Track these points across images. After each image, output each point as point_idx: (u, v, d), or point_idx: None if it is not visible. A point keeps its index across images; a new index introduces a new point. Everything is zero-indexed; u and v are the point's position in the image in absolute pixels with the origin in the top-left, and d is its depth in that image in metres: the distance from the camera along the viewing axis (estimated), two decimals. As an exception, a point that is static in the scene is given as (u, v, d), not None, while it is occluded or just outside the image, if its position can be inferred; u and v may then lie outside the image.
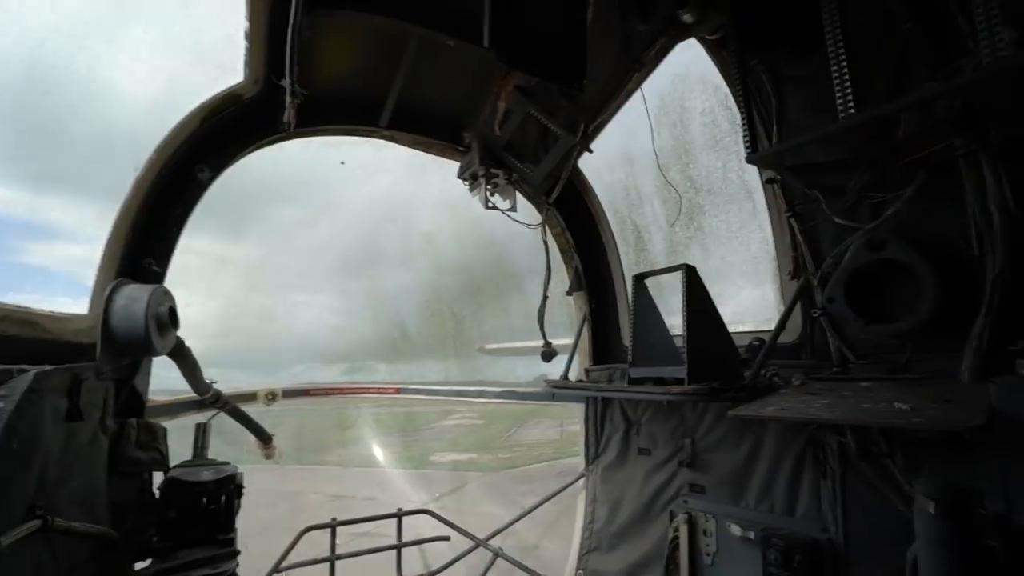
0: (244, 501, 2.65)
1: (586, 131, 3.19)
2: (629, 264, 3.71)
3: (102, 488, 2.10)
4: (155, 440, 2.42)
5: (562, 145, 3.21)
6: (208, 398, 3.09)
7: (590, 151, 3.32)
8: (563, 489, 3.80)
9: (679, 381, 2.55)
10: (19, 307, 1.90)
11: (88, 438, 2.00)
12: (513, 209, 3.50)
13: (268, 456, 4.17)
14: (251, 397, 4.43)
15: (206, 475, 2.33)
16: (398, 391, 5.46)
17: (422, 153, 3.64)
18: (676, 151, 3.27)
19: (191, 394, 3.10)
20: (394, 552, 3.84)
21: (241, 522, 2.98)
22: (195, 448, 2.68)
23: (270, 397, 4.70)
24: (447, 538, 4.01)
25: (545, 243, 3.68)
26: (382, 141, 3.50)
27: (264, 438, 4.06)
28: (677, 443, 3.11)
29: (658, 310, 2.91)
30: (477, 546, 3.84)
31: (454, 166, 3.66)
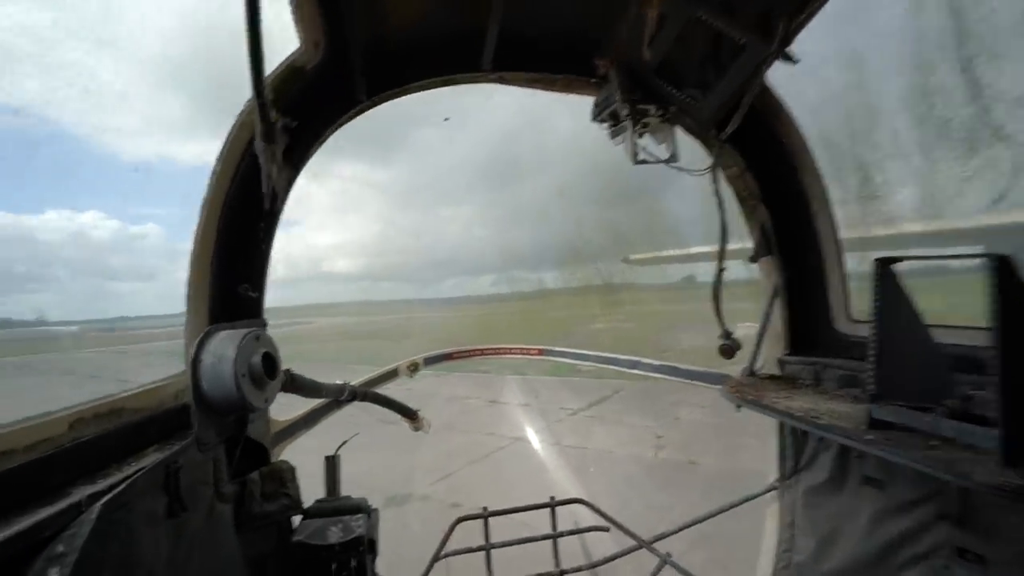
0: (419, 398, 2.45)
1: (786, 32, 2.05)
2: (848, 217, 2.57)
3: (232, 553, 1.95)
4: (283, 485, 2.23)
5: (749, 57, 2.13)
6: (344, 398, 2.92)
7: (791, 60, 2.18)
8: (746, 500, 3.09)
9: (969, 446, 1.61)
10: (99, 400, 1.65)
11: (202, 519, 1.79)
12: (674, 159, 2.55)
13: (416, 429, 4.10)
14: (392, 375, 4.32)
15: (334, 535, 2.08)
16: (541, 352, 5.05)
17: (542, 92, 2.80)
18: (940, 42, 1.97)
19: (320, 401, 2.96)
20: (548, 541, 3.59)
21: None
22: (327, 485, 2.49)
23: (412, 368, 4.59)
24: (606, 529, 3.63)
25: (717, 193, 2.70)
26: (491, 86, 2.72)
27: (410, 415, 3.95)
28: (935, 483, 2.17)
29: (917, 312, 1.89)
30: (640, 547, 3.39)
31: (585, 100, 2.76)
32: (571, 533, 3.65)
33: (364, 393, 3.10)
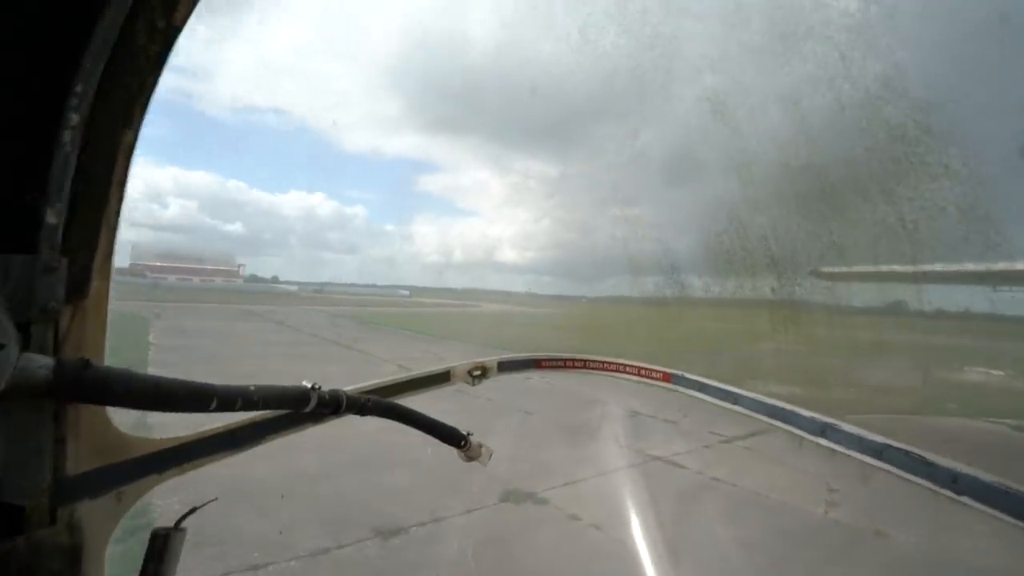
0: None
1: None
2: None
3: None
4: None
5: None
6: (316, 409, 1.60)
7: None
8: None
9: None
10: None
11: None
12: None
13: (470, 459, 2.80)
14: (442, 379, 3.06)
15: None
16: (667, 378, 3.51)
17: None
18: None
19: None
20: None
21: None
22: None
23: (477, 373, 3.28)
24: None
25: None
26: None
27: (454, 440, 2.62)
28: None
29: None
30: None
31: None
32: None
33: (363, 404, 1.86)
